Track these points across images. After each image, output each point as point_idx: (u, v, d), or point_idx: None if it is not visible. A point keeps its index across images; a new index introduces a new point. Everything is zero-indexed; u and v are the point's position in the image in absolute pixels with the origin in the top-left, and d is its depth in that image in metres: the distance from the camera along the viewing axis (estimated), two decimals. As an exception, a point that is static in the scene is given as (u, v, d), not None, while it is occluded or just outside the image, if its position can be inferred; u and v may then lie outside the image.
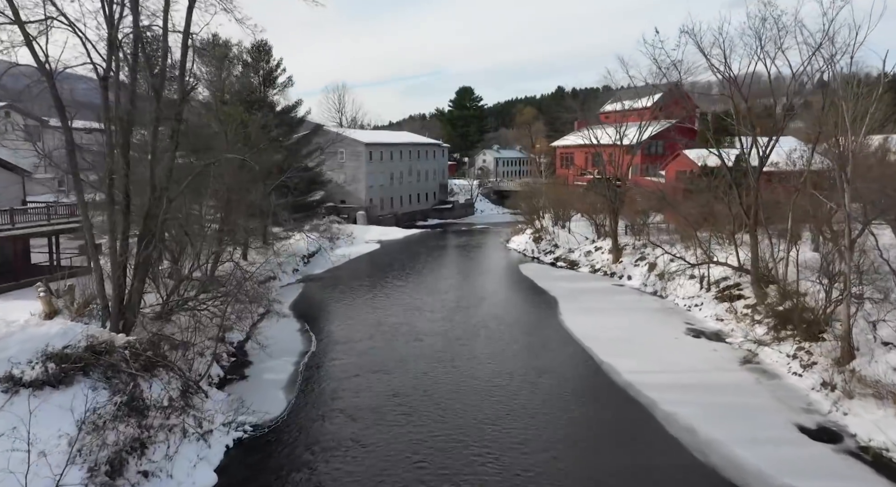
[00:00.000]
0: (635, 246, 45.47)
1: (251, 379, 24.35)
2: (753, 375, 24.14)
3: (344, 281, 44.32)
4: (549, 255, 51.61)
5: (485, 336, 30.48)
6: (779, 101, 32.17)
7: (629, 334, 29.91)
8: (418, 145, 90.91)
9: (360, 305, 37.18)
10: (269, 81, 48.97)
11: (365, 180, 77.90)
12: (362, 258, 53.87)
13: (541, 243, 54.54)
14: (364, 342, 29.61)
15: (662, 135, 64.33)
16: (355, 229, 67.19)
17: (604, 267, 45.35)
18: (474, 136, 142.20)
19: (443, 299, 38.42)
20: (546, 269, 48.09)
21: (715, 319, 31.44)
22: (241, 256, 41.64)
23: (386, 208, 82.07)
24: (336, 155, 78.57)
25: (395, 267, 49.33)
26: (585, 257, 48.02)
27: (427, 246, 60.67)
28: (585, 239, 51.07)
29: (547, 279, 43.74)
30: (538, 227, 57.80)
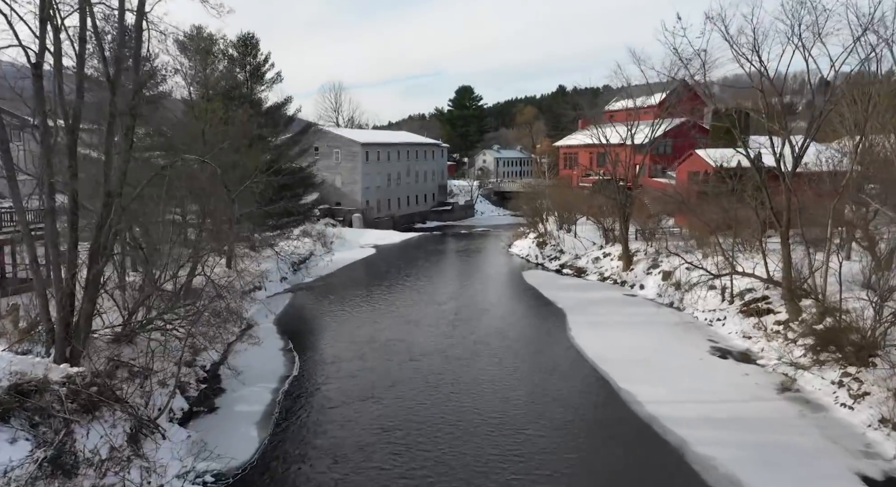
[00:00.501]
0: (647, 252, 42.38)
1: (221, 412, 21.24)
2: (795, 406, 21.04)
3: (335, 290, 41.22)
4: (555, 262, 48.51)
5: (487, 355, 27.40)
6: (801, 95, 29.17)
7: (647, 354, 26.81)
8: (416, 145, 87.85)
9: (352, 318, 34.10)
10: (256, 77, 45.92)
11: (361, 181, 74.84)
12: (357, 264, 50.78)
13: (545, 248, 51.44)
14: (353, 362, 26.53)
15: (674, 133, 61.23)
16: (350, 233, 64.13)
17: (613, 276, 42.26)
18: (474, 136, 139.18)
19: (441, 311, 35.35)
20: (551, 277, 44.99)
21: (741, 336, 28.35)
22: (224, 264, 38.60)
23: (383, 210, 79.01)
24: (331, 155, 75.57)
25: (390, 275, 46.24)
26: (593, 264, 44.93)
27: (425, 252, 57.58)
28: (593, 244, 47.98)
29: (553, 288, 40.65)
30: (542, 231, 54.71)
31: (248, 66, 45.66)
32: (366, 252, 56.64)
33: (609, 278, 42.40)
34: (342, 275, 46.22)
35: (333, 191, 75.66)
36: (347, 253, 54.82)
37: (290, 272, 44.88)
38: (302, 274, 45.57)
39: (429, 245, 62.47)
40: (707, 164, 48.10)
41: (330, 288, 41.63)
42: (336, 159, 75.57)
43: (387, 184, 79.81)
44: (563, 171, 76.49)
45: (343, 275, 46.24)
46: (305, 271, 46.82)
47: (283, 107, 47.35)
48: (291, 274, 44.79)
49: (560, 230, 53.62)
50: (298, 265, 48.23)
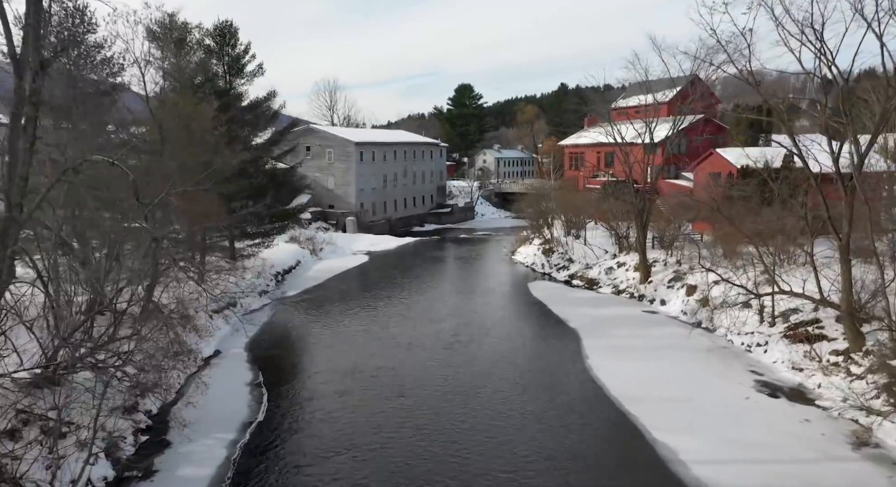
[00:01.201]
0: (667, 262, 38.01)
1: (159, 479, 16.82)
2: (881, 470, 16.67)
3: (321, 304, 36.84)
4: (563, 272, 44.10)
5: (490, 390, 23.06)
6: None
7: (682, 390, 22.45)
8: (414, 145, 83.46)
9: (336, 341, 29.75)
10: (235, 69, 41.54)
11: (355, 183, 70.44)
12: (347, 274, 46.36)
13: (552, 256, 47.03)
14: (332, 401, 22.19)
15: (687, 131, 56.81)
16: (342, 238, 59.75)
17: (630, 289, 37.88)
18: (474, 136, 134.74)
19: (438, 331, 31.01)
20: (560, 290, 40.61)
21: (790, 367, 23.98)
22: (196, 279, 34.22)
23: (378, 213, 74.64)
24: (324, 155, 71.24)
25: (383, 287, 41.84)
26: (606, 275, 40.53)
27: (422, 259, 53.19)
28: (605, 252, 43.57)
29: (563, 303, 36.29)
30: (548, 237, 50.32)
31: (227, 57, 41.23)
32: (358, 259, 52.23)
33: (625, 292, 38.01)
34: (330, 287, 41.80)
35: (326, 193, 71.32)
36: (338, 261, 50.44)
37: (272, 284, 40.50)
38: (286, 286, 41.19)
39: (426, 251, 58.08)
40: (730, 164, 43.77)
41: (315, 303, 37.24)
42: (329, 159, 71.20)
43: (382, 186, 75.43)
44: (568, 172, 72.12)
45: (331, 287, 41.83)
46: (290, 282, 42.47)
47: (266, 102, 42.99)
48: (274, 287, 40.40)
49: (568, 236, 49.24)
50: (283, 275, 43.89)
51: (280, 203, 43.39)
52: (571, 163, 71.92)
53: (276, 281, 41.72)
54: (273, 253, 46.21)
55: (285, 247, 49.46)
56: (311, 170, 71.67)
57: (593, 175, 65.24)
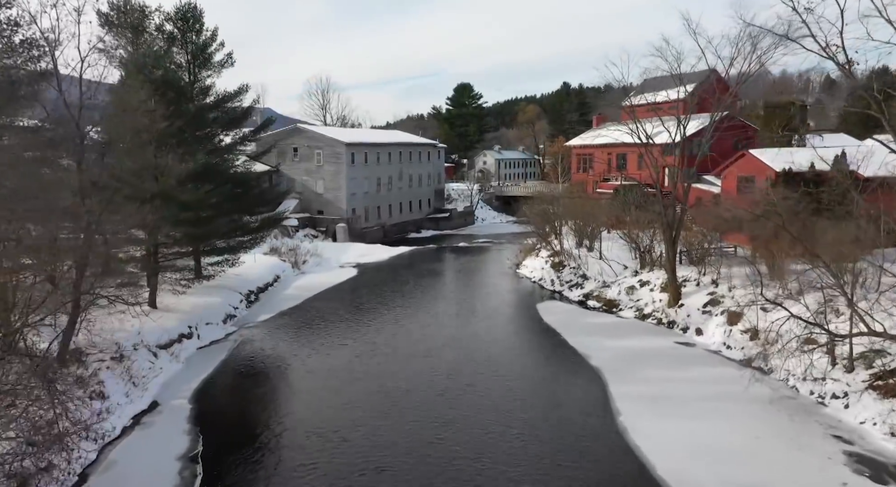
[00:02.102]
0: (700, 282, 32.31)
1: None
2: None
3: (295, 332, 31.15)
4: (577, 290, 38.37)
5: (496, 463, 17.39)
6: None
7: (752, 469, 16.75)
8: (410, 145, 77.76)
9: (306, 385, 24.11)
10: (200, 59, 35.87)
11: (346, 187, 64.73)
12: (331, 292, 40.59)
13: (562, 271, 41.33)
14: (288, 481, 16.53)
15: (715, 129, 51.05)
16: (330, 248, 54.02)
17: (657, 313, 32.21)
18: (474, 136, 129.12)
19: (432, 368, 25.39)
20: (574, 313, 34.90)
21: (888, 432, 18.31)
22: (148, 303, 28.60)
23: (372, 219, 68.94)
24: (312, 157, 65.57)
25: (371, 308, 36.13)
26: (628, 295, 34.81)
27: (417, 273, 47.43)
28: (624, 268, 37.85)
29: (580, 331, 30.61)
30: (556, 249, 44.63)
31: (191, 46, 35.53)
32: (345, 273, 46.49)
33: (651, 316, 32.32)
34: (310, 309, 36.07)
35: (315, 198, 65.64)
36: (322, 276, 44.70)
37: (242, 306, 34.78)
38: (259, 308, 35.48)
39: (422, 263, 52.33)
40: (767, 167, 38.09)
41: (289, 330, 31.54)
42: (318, 161, 65.49)
43: (376, 190, 69.71)
44: (576, 175, 66.38)
45: (311, 309, 36.09)
46: (265, 303, 36.77)
47: (237, 97, 37.29)
48: (244, 309, 34.70)
49: (579, 247, 43.53)
50: (258, 294, 38.20)
51: (250, 211, 37.64)
52: (579, 165, 66.22)
53: (248, 302, 36.02)
54: (247, 269, 40.55)
55: (263, 261, 43.79)
56: (298, 173, 66.16)
57: (604, 178, 59.55)
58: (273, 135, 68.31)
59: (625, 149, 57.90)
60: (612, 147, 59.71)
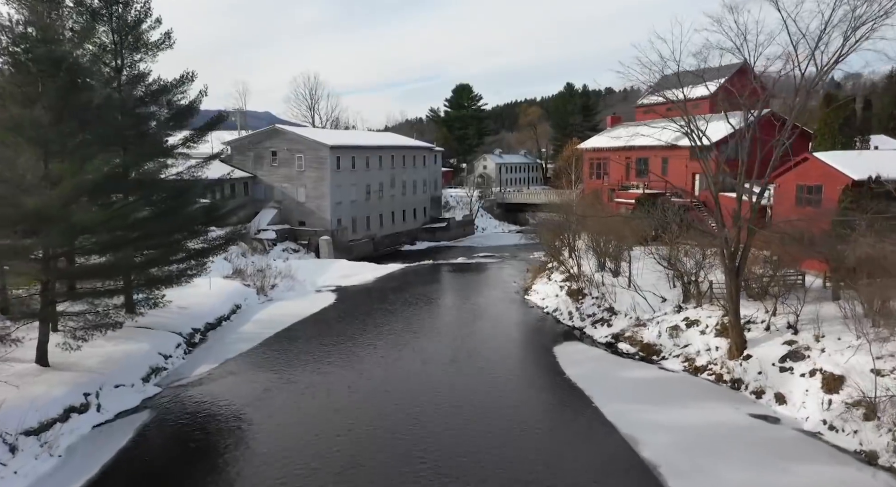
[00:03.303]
0: (771, 325, 24.41)
1: None
2: None
3: (236, 396, 23.17)
4: (603, 328, 30.43)
5: None
6: None
7: None
8: (404, 149, 69.86)
9: (245, 484, 16.25)
10: (130, 39, 28.14)
11: (330, 195, 56.86)
12: (298, 329, 32.60)
13: (582, 301, 33.45)
14: None
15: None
16: (307, 268, 46.05)
17: (714, 366, 24.32)
18: (473, 139, 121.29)
19: (417, 469, 17.47)
20: (604, 360, 26.95)
21: None
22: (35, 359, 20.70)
23: (360, 230, 61.05)
24: (292, 162, 57.75)
25: (345, 353, 28.19)
26: (671, 338, 26.88)
27: (407, 299, 39.43)
28: (662, 301, 29.89)
29: (616, 393, 22.73)
30: (573, 271, 36.75)
31: (117, 21, 27.78)
32: (321, 300, 38.53)
33: (706, 370, 24.43)
34: (265, 356, 28.10)
35: (296, 208, 57.78)
36: (292, 305, 36.80)
37: (177, 353, 26.84)
38: (199, 356, 27.53)
39: (413, 285, 44.36)
40: (840, 174, 30.25)
41: (230, 393, 23.58)
42: (299, 166, 57.62)
43: (365, 198, 61.81)
44: (588, 182, 58.29)
45: (267, 356, 28.12)
46: (210, 347, 28.83)
47: (178, 88, 29.49)
48: (181, 358, 26.76)
49: (602, 271, 35.65)
50: (205, 333, 30.29)
51: (194, 230, 29.68)
52: (592, 170, 58.21)
53: (189, 347, 28.09)
54: (198, 299, 32.76)
55: (221, 287, 35.93)
56: (277, 179, 58.34)
57: (622, 186, 51.65)
58: (248, 137, 60.64)
59: (646, 152, 50.14)
60: (630, 150, 52.01)
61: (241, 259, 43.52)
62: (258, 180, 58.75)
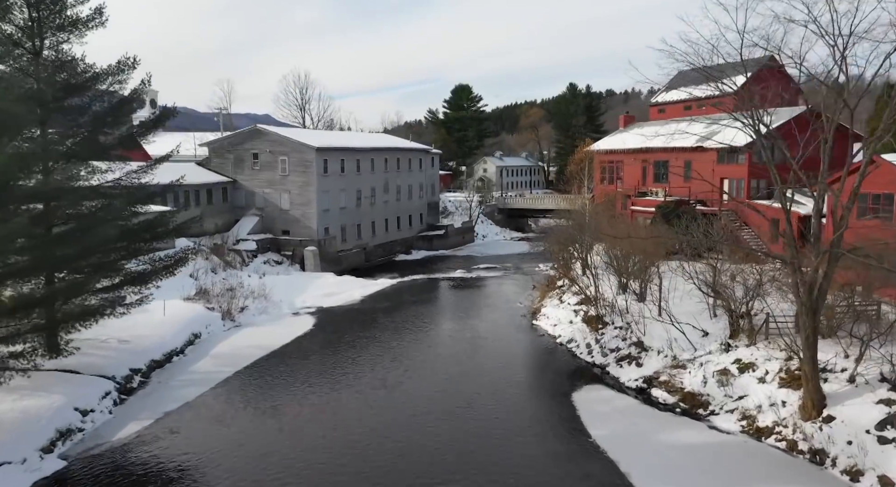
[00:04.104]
0: (856, 375, 18.80)
1: None
2: None
3: (168, 472, 17.60)
4: (631, 367, 24.75)
5: None
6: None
7: None
8: (398, 151, 64.23)
9: None
10: (53, 17, 22.67)
11: (316, 201, 51.27)
12: (266, 364, 26.97)
13: (603, 331, 27.83)
14: None
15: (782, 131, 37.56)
16: (286, 285, 40.43)
17: (783, 428, 18.67)
18: (473, 142, 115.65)
19: None
20: (636, 414, 21.28)
21: None
22: None
23: (350, 240, 55.43)
24: (276, 165, 52.16)
25: (314, 401, 22.59)
26: (720, 387, 21.21)
27: (397, 324, 33.81)
28: (703, 334, 24.23)
29: (660, 469, 17.12)
30: (589, 294, 31.15)
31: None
32: (297, 326, 32.88)
33: (773, 433, 18.79)
34: (214, 405, 22.45)
35: (279, 216, 52.18)
36: (263, 333, 31.18)
37: (105, 405, 21.21)
38: (135, 406, 21.90)
39: (406, 305, 38.75)
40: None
41: (160, 467, 17.97)
42: (282, 170, 52.03)
43: (355, 204, 56.23)
44: (599, 187, 52.54)
45: (217, 405, 22.48)
46: (150, 393, 23.22)
47: (116, 77, 24.01)
48: (107, 411, 21.12)
49: (624, 293, 30.03)
50: (148, 374, 24.68)
51: (133, 249, 24.05)
52: (604, 174, 52.51)
53: (122, 394, 22.48)
54: (148, 328, 27.17)
55: (178, 311, 30.34)
56: (259, 184, 52.73)
57: (639, 192, 45.99)
58: (227, 138, 55.04)
59: (666, 154, 44.53)
60: (648, 152, 46.44)
61: (209, 276, 37.93)
62: (238, 185, 53.16)
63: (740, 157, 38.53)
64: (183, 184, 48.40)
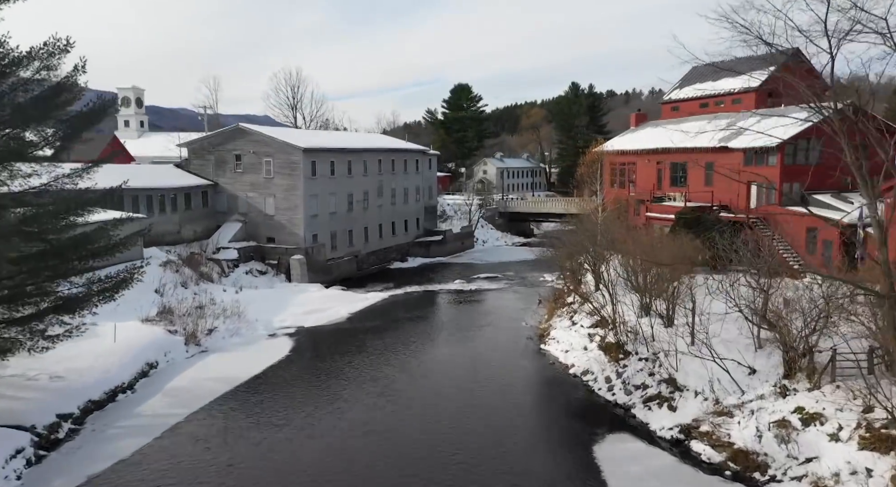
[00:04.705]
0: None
1: None
2: None
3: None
4: (662, 410, 20.34)
5: None
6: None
7: None
8: (393, 152, 59.89)
9: None
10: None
11: (304, 206, 46.96)
12: (230, 401, 22.55)
13: (626, 363, 23.47)
14: None
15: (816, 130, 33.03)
16: (265, 299, 36.10)
17: (874, 509, 14.41)
18: (472, 142, 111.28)
19: None
20: (676, 479, 16.86)
21: None
22: None
23: (341, 247, 51.12)
24: (259, 167, 47.88)
25: (278, 455, 18.30)
26: (779, 443, 16.86)
27: (385, 348, 29.45)
28: (749, 372, 19.84)
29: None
30: (605, 315, 26.84)
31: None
32: (272, 351, 28.51)
33: (860, 515, 14.52)
34: (156, 463, 18.15)
35: (263, 221, 47.84)
36: (231, 360, 26.84)
37: (11, 471, 16.84)
38: (50, 469, 17.53)
39: (397, 325, 34.41)
40: None
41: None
42: (266, 173, 47.70)
43: (347, 209, 51.93)
44: (608, 191, 48.03)
45: (160, 462, 18.18)
46: (80, 446, 18.87)
47: (40, 59, 19.71)
48: (14, 479, 16.77)
49: (647, 315, 25.65)
50: (80, 421, 20.32)
51: (60, 270, 19.72)
52: (614, 177, 48.09)
53: (39, 449, 18.08)
54: (91, 359, 22.85)
55: (133, 336, 25.96)
56: (242, 187, 48.40)
57: (654, 197, 41.61)
58: (208, 138, 50.68)
59: (685, 155, 40.20)
60: (664, 153, 42.12)
61: (179, 291, 33.63)
62: (220, 189, 48.84)
63: (771, 158, 34.21)
64: (158, 188, 45.18)
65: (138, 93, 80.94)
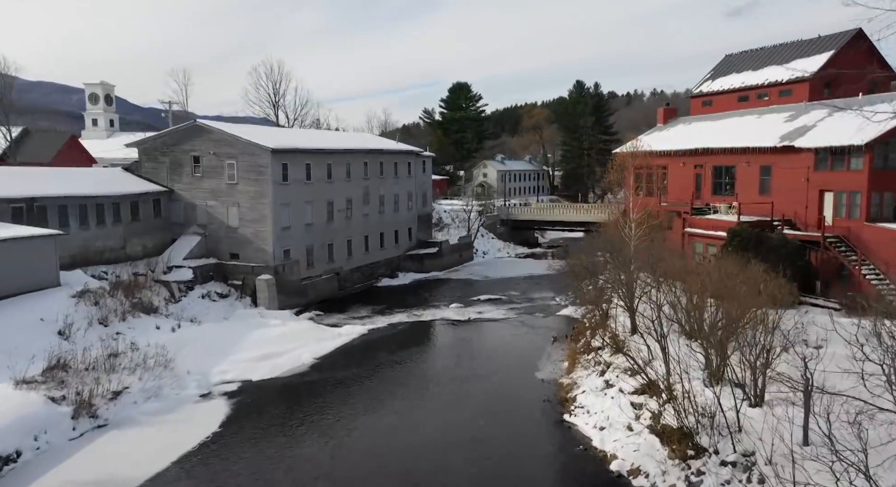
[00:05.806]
0: None
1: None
2: None
3: None
4: (780, 573, 12.54)
5: None
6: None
7: None
8: (381, 154, 51.80)
9: None
10: None
11: (272, 217, 38.97)
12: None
13: (700, 466, 15.50)
14: None
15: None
16: (201, 343, 27.93)
17: None
18: (472, 144, 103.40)
19: None
20: None
21: None
22: None
23: (319, 264, 43.13)
24: (221, 171, 39.89)
25: None
26: None
27: (355, 416, 21.44)
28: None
29: None
30: (656, 377, 18.84)
31: None
32: (195, 424, 20.40)
33: None
34: None
35: (226, 235, 39.86)
36: (133, 442, 18.79)
37: None
38: None
39: (374, 374, 26.36)
40: None
41: None
42: (229, 178, 39.71)
43: (326, 220, 43.92)
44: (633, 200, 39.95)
45: None
46: None
47: None
48: None
49: (720, 384, 17.59)
50: None
51: None
52: (639, 183, 39.97)
53: None
54: None
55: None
56: (201, 195, 40.40)
57: (695, 209, 33.47)
58: (161, 136, 42.47)
59: (732, 157, 32.17)
60: (705, 154, 34.10)
61: (94, 330, 25.60)
62: (175, 196, 40.85)
63: (854, 161, 26.18)
64: (95, 196, 37.23)
65: (108, 90, 72.97)
